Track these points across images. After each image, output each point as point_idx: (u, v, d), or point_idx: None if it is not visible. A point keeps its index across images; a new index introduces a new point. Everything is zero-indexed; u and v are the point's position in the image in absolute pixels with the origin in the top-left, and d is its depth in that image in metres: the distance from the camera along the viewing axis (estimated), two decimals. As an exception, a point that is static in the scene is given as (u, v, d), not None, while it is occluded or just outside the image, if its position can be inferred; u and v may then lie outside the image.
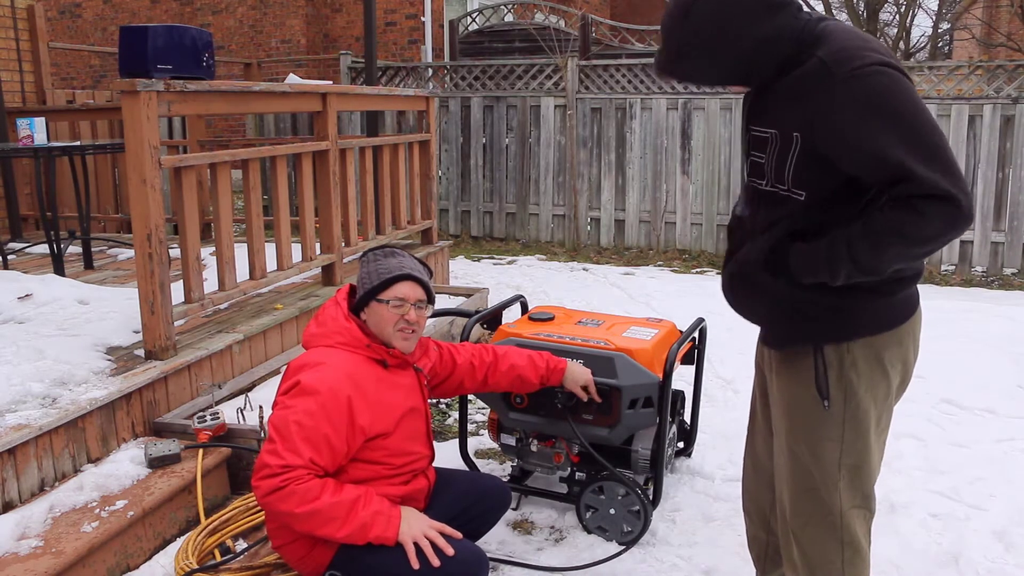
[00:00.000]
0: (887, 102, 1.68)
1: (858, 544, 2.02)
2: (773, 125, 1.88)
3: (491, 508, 2.67)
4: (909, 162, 1.66)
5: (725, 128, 8.05)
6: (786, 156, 1.85)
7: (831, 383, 1.91)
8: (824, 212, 1.84)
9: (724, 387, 4.50)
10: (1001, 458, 3.63)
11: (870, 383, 1.92)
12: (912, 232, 1.70)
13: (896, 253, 1.74)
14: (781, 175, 1.88)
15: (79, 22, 14.55)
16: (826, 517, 2.00)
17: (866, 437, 1.96)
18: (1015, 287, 7.02)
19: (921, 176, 1.65)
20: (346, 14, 13.26)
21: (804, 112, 1.78)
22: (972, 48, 17.52)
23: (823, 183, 1.82)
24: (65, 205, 5.99)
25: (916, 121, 1.69)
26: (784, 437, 2.05)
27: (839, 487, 1.97)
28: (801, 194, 1.85)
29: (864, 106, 1.69)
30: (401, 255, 2.46)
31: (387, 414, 2.32)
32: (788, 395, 2.02)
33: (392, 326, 2.36)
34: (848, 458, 1.96)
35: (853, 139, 1.71)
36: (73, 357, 3.22)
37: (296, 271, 4.30)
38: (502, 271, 7.57)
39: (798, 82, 1.80)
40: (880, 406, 1.96)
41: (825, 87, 1.72)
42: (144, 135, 3.11)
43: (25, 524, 2.50)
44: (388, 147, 5.36)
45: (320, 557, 2.30)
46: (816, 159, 1.80)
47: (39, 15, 6.59)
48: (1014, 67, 7.16)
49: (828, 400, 1.92)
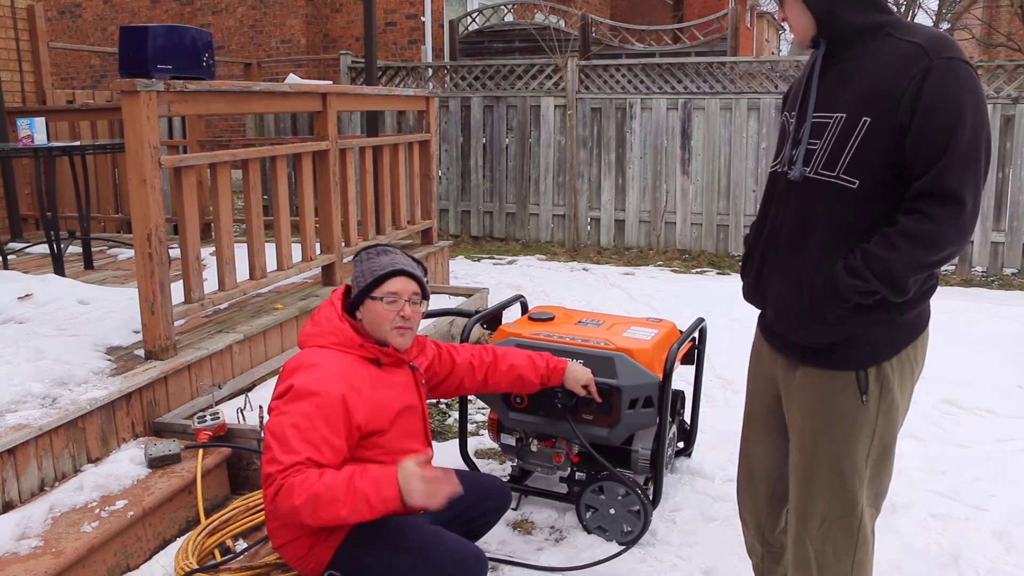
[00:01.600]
0: (973, 91, 1.75)
1: (869, 543, 2.02)
2: (840, 110, 1.86)
3: (491, 509, 2.67)
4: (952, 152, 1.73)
5: (725, 128, 8.05)
6: (847, 142, 1.84)
7: (870, 378, 1.91)
8: (872, 202, 1.84)
9: (724, 387, 4.50)
10: (1001, 458, 3.63)
11: (902, 380, 1.94)
12: (917, 233, 1.76)
13: (908, 261, 1.77)
14: (835, 162, 1.86)
15: (79, 22, 14.55)
16: (845, 517, 1.99)
17: (895, 431, 1.98)
18: (1015, 287, 7.02)
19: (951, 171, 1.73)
20: (346, 14, 13.25)
21: (888, 91, 1.79)
22: (972, 48, 17.51)
23: (879, 170, 1.82)
24: (65, 205, 5.99)
25: (978, 122, 1.75)
26: (805, 436, 2.02)
27: (865, 484, 1.98)
28: (854, 182, 1.84)
29: (955, 89, 1.74)
30: (394, 252, 2.46)
31: (382, 412, 2.32)
32: (820, 391, 1.98)
33: (388, 323, 2.36)
34: (876, 454, 1.96)
35: (931, 116, 1.74)
36: (73, 357, 3.22)
37: (296, 271, 4.30)
38: (502, 271, 7.57)
39: (885, 62, 1.81)
40: (907, 401, 1.99)
41: (922, 68, 1.75)
42: (144, 135, 3.11)
43: (25, 524, 2.50)
44: (388, 147, 5.36)
45: (320, 556, 2.30)
46: (881, 144, 1.80)
47: (39, 15, 6.59)
48: (1014, 67, 7.16)
49: (867, 394, 1.91)
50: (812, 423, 2.00)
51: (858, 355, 1.92)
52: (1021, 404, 4.25)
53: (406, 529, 2.30)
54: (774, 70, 8.01)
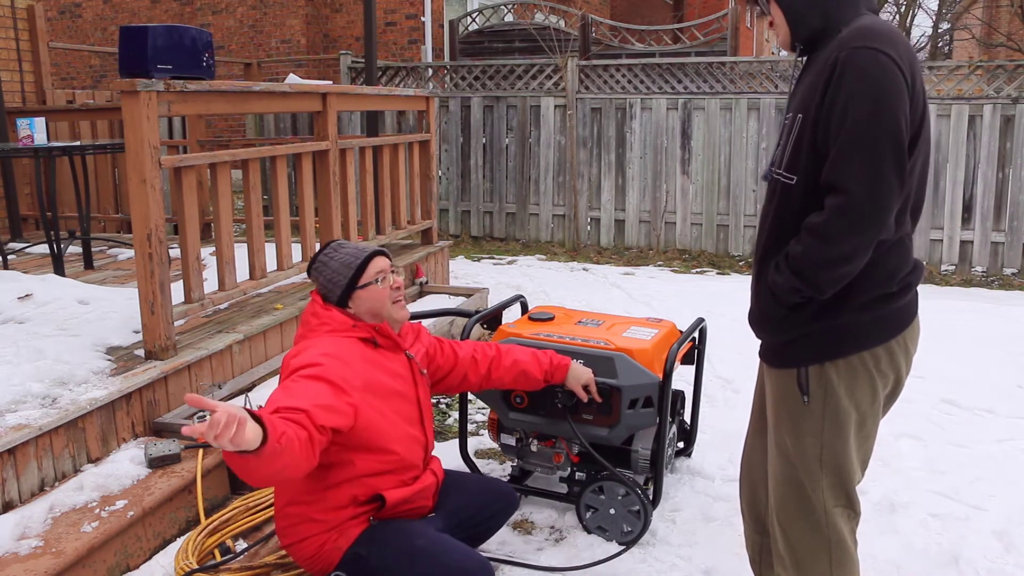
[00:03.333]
0: (870, 78, 1.74)
1: (845, 544, 2.02)
2: (791, 110, 1.95)
3: (497, 514, 2.69)
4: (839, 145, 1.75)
5: (725, 128, 8.05)
6: (788, 140, 1.91)
7: (811, 379, 1.94)
8: (805, 199, 1.87)
9: (724, 387, 4.50)
10: (1001, 458, 3.63)
11: (851, 386, 1.93)
12: (813, 226, 1.79)
13: (809, 255, 1.79)
14: (780, 160, 1.93)
15: (79, 22, 14.54)
16: (811, 515, 2.01)
17: (845, 437, 1.96)
18: (1015, 287, 7.02)
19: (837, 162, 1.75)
20: (346, 14, 13.25)
21: (811, 89, 1.83)
22: (972, 48, 17.52)
23: (808, 166, 1.85)
24: (65, 205, 5.99)
25: (875, 108, 1.73)
26: (772, 431, 2.08)
27: (822, 485, 1.99)
28: (792, 178, 1.89)
29: (850, 78, 1.74)
30: (345, 243, 2.49)
31: (366, 384, 2.31)
32: (776, 387, 2.05)
33: (388, 299, 2.42)
34: (828, 456, 1.97)
35: (833, 108, 1.77)
36: (73, 357, 3.22)
37: (296, 271, 4.30)
38: (502, 271, 7.57)
39: (820, 60, 1.86)
40: (864, 410, 1.96)
41: (831, 62, 1.78)
42: (144, 135, 3.11)
43: (25, 524, 2.50)
44: (388, 147, 5.36)
45: (329, 556, 2.31)
46: (806, 140, 1.84)
47: (39, 15, 6.58)
48: (1014, 67, 7.16)
49: (807, 396, 1.95)
50: (772, 420, 2.08)
51: (797, 354, 1.96)
52: (1021, 404, 4.25)
53: (413, 535, 2.31)
54: (774, 70, 8.01)
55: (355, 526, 2.32)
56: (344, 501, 2.31)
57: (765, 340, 2.07)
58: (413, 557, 2.25)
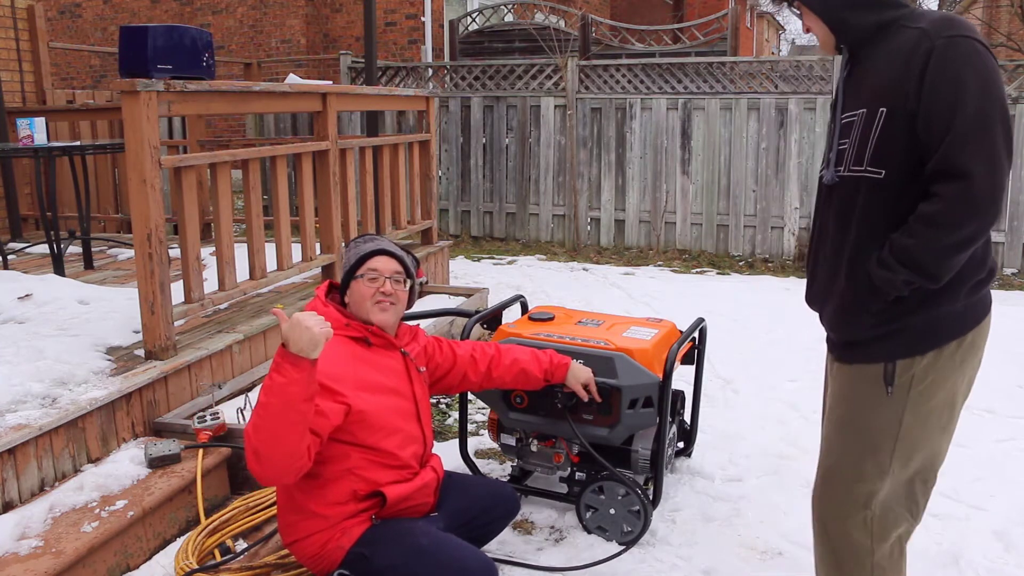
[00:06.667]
0: (976, 64, 1.74)
1: (890, 548, 2.01)
2: (862, 106, 1.90)
3: (499, 517, 2.69)
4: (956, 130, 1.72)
5: (725, 128, 8.05)
6: (868, 135, 1.86)
7: (898, 371, 1.91)
8: (900, 192, 1.85)
9: (724, 387, 4.50)
10: (1001, 458, 3.63)
11: (942, 376, 1.92)
12: (930, 215, 1.75)
13: (927, 245, 1.76)
14: (861, 156, 1.88)
15: (79, 22, 14.54)
16: (860, 512, 1.99)
17: (931, 429, 1.97)
18: (1015, 287, 7.02)
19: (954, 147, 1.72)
20: (346, 14, 13.25)
21: (898, 81, 1.80)
22: (972, 48, 17.48)
23: (901, 158, 1.83)
24: (65, 205, 5.98)
25: (986, 92, 1.73)
26: (834, 426, 2.04)
27: (886, 480, 1.97)
28: (880, 172, 1.85)
29: (955, 66, 1.74)
30: (378, 239, 2.54)
31: (353, 381, 2.31)
32: (854, 381, 2.00)
33: (369, 299, 2.42)
34: (902, 451, 1.95)
35: (937, 97, 1.75)
36: (73, 357, 3.22)
37: (296, 271, 4.30)
38: (502, 271, 7.57)
39: (895, 53, 1.83)
40: (953, 399, 1.97)
41: (924, 51, 1.76)
42: (144, 135, 3.11)
43: (25, 524, 2.50)
44: (388, 147, 5.36)
45: (332, 555, 2.31)
46: (899, 132, 1.81)
47: (39, 15, 6.58)
48: (1014, 67, 7.16)
49: (892, 387, 1.91)
50: (840, 414, 2.03)
51: (890, 347, 1.92)
52: (1021, 404, 4.25)
53: (417, 534, 2.31)
54: (774, 70, 8.01)
55: (357, 525, 2.32)
56: (344, 496, 2.31)
57: (850, 337, 2.00)
58: (417, 556, 2.25)
